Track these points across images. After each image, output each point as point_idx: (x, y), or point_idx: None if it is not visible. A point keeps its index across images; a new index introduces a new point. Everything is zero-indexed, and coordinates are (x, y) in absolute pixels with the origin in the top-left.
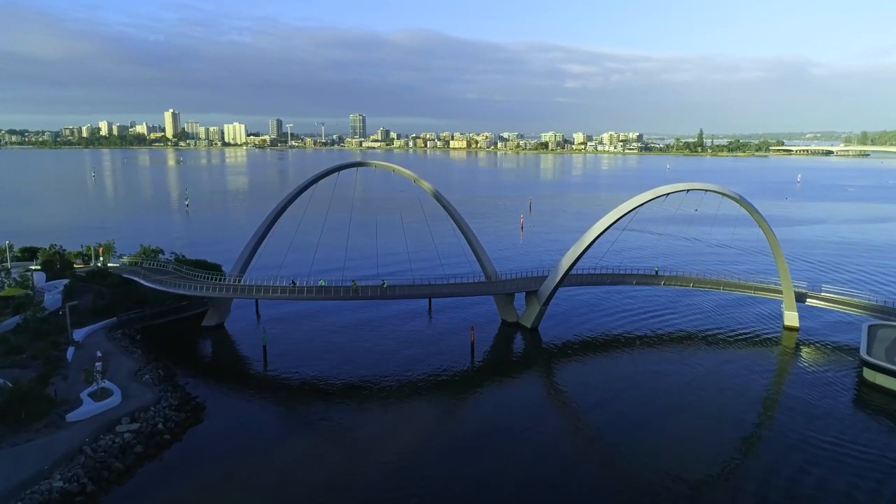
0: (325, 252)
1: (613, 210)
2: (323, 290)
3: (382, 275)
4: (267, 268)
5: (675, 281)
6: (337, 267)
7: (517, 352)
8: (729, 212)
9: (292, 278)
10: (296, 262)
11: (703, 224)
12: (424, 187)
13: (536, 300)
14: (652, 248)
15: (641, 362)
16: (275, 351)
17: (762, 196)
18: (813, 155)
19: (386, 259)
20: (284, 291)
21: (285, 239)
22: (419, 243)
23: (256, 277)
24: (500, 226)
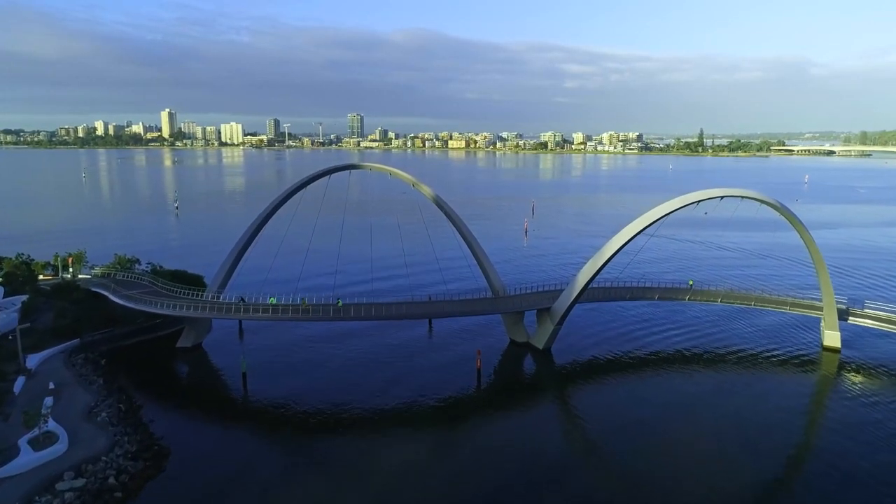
0: (316, 261)
1: (639, 219)
2: (310, 310)
3: (378, 287)
4: (250, 284)
5: (702, 296)
6: (327, 279)
7: (528, 377)
8: (747, 215)
9: (272, 295)
10: (283, 273)
11: (720, 228)
12: (424, 192)
13: (549, 319)
14: (672, 257)
15: (667, 385)
16: (257, 378)
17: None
18: (815, 155)
19: (381, 268)
20: (266, 311)
21: (272, 246)
22: (418, 251)
23: (240, 291)
24: (502, 229)
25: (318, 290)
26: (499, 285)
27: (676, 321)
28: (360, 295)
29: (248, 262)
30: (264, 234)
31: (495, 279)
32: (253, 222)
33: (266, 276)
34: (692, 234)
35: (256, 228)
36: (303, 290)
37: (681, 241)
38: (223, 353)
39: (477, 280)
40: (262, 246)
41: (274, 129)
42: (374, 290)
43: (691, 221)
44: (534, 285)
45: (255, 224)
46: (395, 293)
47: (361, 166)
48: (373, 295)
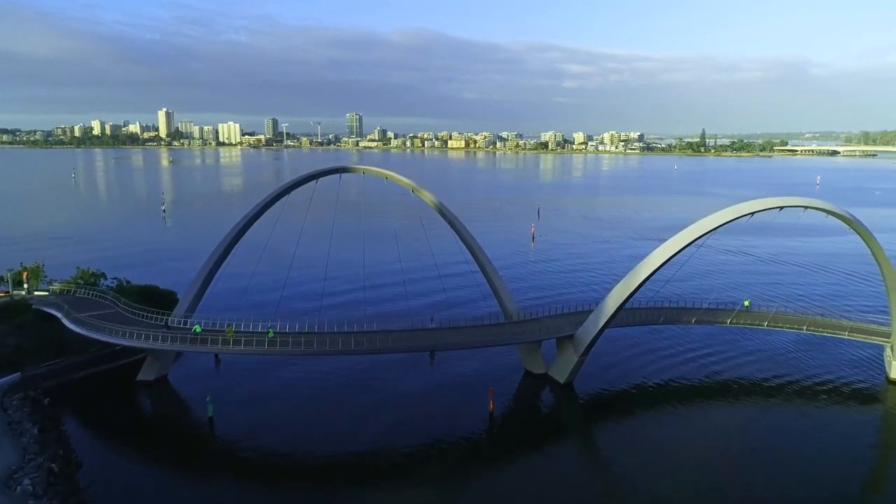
0: (300, 275)
1: (682, 232)
2: (277, 342)
3: (370, 306)
4: (226, 303)
5: (745, 319)
6: (311, 298)
7: (547, 416)
8: (789, 221)
9: (251, 320)
10: (262, 291)
11: (761, 236)
12: (425, 199)
13: (572, 348)
14: (711, 271)
15: (710, 424)
16: (227, 423)
17: None
18: (818, 155)
19: (375, 282)
20: (238, 344)
21: (252, 258)
22: (417, 262)
23: (213, 312)
24: (506, 234)
25: (300, 310)
26: (512, 308)
27: (718, 347)
28: (348, 316)
29: (223, 279)
30: (244, 244)
31: (508, 300)
32: (227, 235)
33: (242, 296)
34: (732, 243)
35: (231, 243)
36: (284, 308)
37: (719, 252)
38: (192, 387)
39: (484, 295)
40: (240, 257)
41: (272, 129)
42: (366, 311)
43: (728, 228)
44: (549, 303)
45: (228, 237)
46: (390, 314)
47: (352, 169)
48: (364, 316)
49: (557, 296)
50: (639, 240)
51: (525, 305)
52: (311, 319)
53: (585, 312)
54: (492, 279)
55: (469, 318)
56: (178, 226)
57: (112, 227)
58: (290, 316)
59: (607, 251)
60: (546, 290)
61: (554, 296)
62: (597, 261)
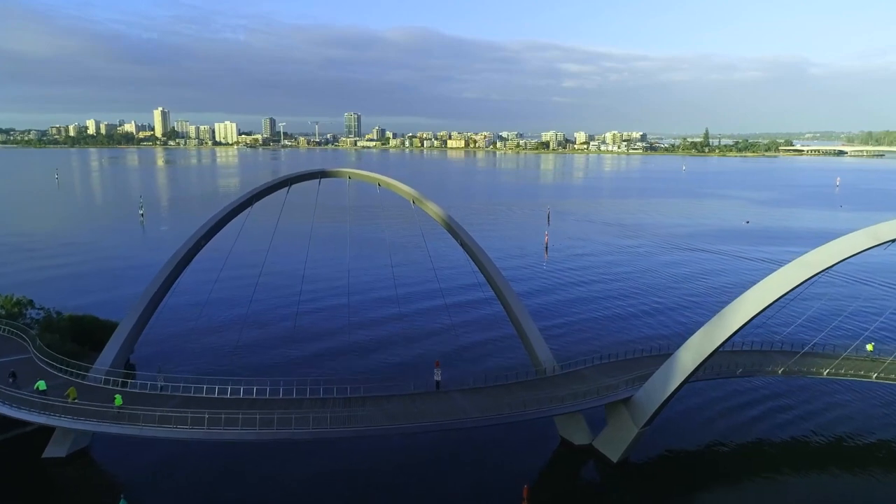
0: (267, 303)
1: (794, 265)
2: (238, 418)
3: (356, 350)
4: (170, 351)
5: (847, 368)
6: (281, 333)
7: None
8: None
9: (175, 371)
10: (219, 327)
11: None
12: (430, 212)
13: (629, 417)
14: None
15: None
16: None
17: (807, 203)
18: (824, 155)
19: (364, 314)
20: (167, 422)
21: (206, 284)
22: (418, 287)
23: (155, 356)
24: (516, 244)
25: (264, 349)
26: (545, 357)
27: (810, 401)
28: (327, 362)
29: (168, 312)
30: (198, 264)
31: (539, 347)
32: (171, 258)
33: (190, 334)
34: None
35: (176, 269)
36: (244, 349)
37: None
38: (116, 466)
39: (502, 328)
40: (192, 282)
41: (270, 129)
42: (348, 356)
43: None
44: (577, 335)
45: (174, 262)
46: (383, 359)
47: (335, 173)
48: (347, 363)
49: (584, 323)
50: (670, 249)
51: (547, 337)
52: (276, 361)
53: (641, 360)
54: (518, 318)
55: (487, 367)
56: (157, 232)
57: (81, 234)
58: (252, 358)
59: (636, 263)
60: (568, 315)
61: (580, 323)
62: (626, 275)
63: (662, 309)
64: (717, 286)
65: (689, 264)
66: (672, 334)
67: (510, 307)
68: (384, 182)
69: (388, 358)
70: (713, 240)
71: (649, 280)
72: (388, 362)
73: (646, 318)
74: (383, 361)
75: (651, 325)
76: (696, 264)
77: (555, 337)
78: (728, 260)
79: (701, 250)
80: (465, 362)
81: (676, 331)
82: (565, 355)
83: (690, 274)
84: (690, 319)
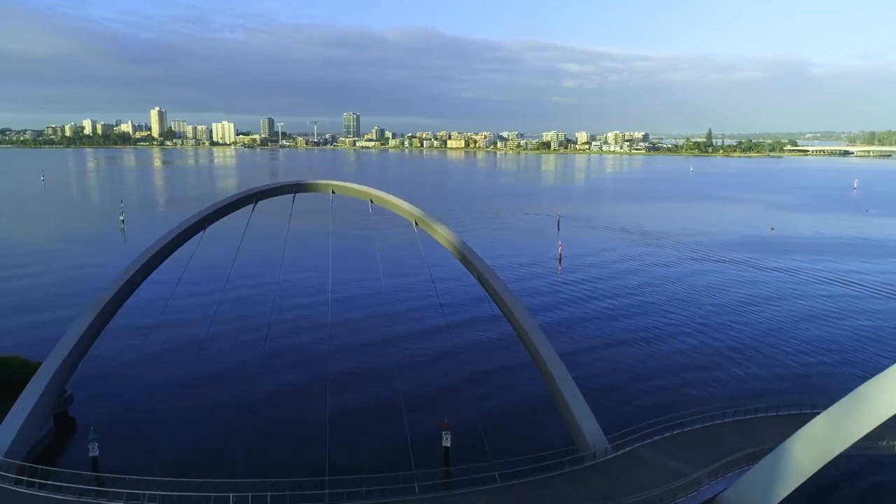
0: (226, 355)
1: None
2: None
3: (340, 419)
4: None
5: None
6: (240, 401)
7: None
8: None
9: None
10: (161, 384)
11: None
12: (438, 237)
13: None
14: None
15: None
16: None
17: (830, 208)
18: (829, 156)
19: (349, 363)
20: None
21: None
22: (419, 323)
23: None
24: (525, 253)
25: (219, 419)
26: (593, 435)
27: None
28: (303, 441)
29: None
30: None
31: (586, 422)
32: (96, 301)
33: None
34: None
35: (107, 308)
36: (203, 419)
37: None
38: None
39: (528, 377)
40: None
41: (268, 129)
42: (331, 434)
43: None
44: (620, 383)
45: (107, 297)
46: (376, 430)
47: (314, 187)
48: (321, 438)
49: (613, 351)
50: (698, 260)
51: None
52: (232, 443)
53: (713, 433)
54: (556, 382)
55: (512, 438)
56: (136, 240)
57: (50, 242)
58: (215, 428)
59: (662, 276)
60: (591, 339)
61: (608, 351)
62: (653, 291)
63: (704, 334)
64: (760, 305)
65: (723, 278)
66: (729, 378)
67: (545, 366)
68: (378, 198)
69: (383, 424)
70: (742, 248)
71: (680, 296)
72: (384, 432)
73: (688, 349)
74: (376, 430)
75: (696, 358)
76: (730, 278)
77: (579, 367)
78: (765, 274)
79: (731, 261)
80: (482, 428)
81: (732, 371)
82: (600, 403)
83: (726, 290)
84: (741, 346)
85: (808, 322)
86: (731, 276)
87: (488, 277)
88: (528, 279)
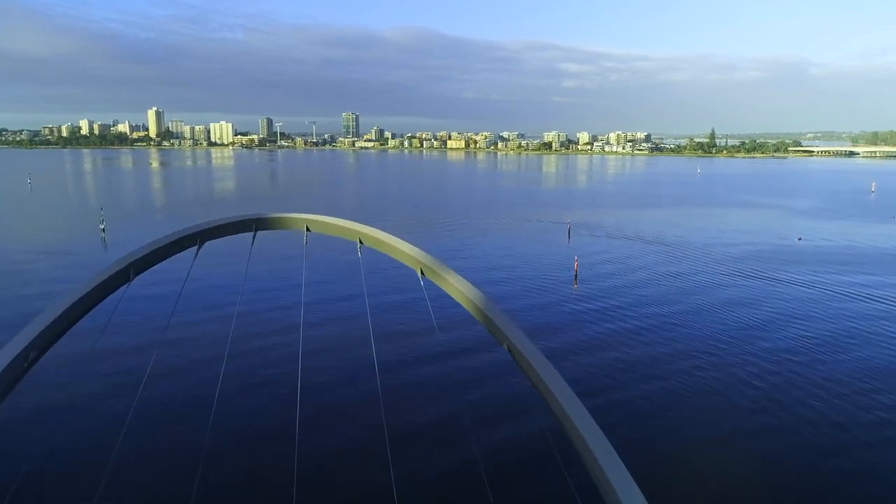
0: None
1: None
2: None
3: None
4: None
5: None
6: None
7: None
8: None
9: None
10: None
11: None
12: (450, 289)
13: None
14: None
15: None
16: None
17: (853, 214)
18: (835, 156)
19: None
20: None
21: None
22: (418, 418)
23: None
24: (535, 268)
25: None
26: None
27: None
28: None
29: None
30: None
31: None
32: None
33: None
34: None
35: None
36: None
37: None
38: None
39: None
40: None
41: (266, 129)
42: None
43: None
44: (670, 454)
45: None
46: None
47: (280, 222)
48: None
49: (655, 400)
50: (731, 276)
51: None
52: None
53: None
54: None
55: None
56: (117, 252)
57: (14, 255)
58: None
59: (705, 302)
60: (621, 381)
61: (646, 402)
62: (696, 321)
63: (780, 376)
64: (809, 331)
65: (759, 298)
66: (804, 443)
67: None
68: (370, 239)
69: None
70: (771, 261)
71: (727, 325)
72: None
73: (747, 400)
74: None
75: (768, 421)
76: (767, 297)
77: (607, 415)
78: (804, 292)
79: (765, 277)
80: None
81: (807, 434)
82: (640, 469)
83: (767, 313)
84: (802, 393)
85: (847, 341)
86: (762, 293)
87: (522, 349)
88: (541, 302)
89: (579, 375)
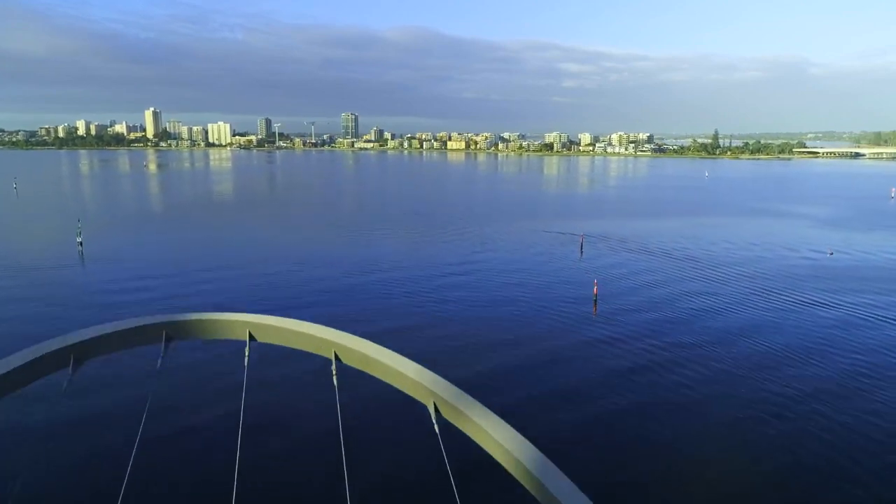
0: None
1: None
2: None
3: None
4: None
5: None
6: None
7: None
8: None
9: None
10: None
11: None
12: (476, 431)
13: None
14: None
15: None
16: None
17: (880, 223)
18: (840, 158)
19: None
20: None
21: None
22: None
23: None
24: (548, 291)
25: None
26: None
27: None
28: None
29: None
30: None
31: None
32: None
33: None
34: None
35: None
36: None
37: None
38: None
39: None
40: None
41: (265, 129)
42: None
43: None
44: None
45: None
46: None
47: (200, 327)
48: None
49: (693, 465)
50: (764, 296)
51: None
52: None
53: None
54: None
55: None
56: (95, 266)
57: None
58: None
59: (743, 328)
60: (655, 432)
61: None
62: (736, 352)
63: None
64: (863, 370)
65: (801, 325)
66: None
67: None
68: (356, 356)
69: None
70: (807, 279)
71: (765, 354)
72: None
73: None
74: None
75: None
76: (810, 325)
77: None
78: (851, 319)
79: (804, 301)
80: None
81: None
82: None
83: (817, 346)
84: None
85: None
86: (807, 319)
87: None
88: (558, 332)
89: (604, 421)
